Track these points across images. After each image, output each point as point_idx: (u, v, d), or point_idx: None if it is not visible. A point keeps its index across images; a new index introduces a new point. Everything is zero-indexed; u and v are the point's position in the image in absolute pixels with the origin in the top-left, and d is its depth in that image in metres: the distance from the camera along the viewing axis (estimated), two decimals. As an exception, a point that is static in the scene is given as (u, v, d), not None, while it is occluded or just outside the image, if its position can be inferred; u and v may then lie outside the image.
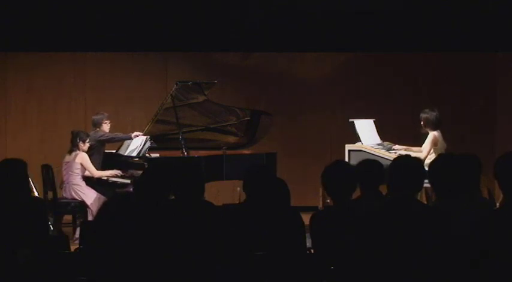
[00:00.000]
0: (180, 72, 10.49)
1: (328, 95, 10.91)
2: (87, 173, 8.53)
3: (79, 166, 8.44)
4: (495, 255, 3.68)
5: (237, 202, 8.85)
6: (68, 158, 8.53)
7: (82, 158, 8.45)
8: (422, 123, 8.41)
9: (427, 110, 8.42)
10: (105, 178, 8.60)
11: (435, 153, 8.17)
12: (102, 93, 10.87)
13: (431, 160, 5.65)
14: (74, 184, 8.42)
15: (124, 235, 3.07)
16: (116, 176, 8.63)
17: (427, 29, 10.56)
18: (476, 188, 5.04)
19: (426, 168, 4.66)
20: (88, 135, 8.60)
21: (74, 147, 8.48)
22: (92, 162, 8.52)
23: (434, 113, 8.36)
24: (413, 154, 6.97)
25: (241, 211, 4.86)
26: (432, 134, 8.32)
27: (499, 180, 3.87)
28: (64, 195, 8.48)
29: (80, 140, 8.45)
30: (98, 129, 8.96)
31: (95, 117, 9.13)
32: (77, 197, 8.41)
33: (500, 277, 3.67)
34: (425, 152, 8.24)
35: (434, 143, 8.28)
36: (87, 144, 8.52)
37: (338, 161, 4.84)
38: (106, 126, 9.01)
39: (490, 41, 10.52)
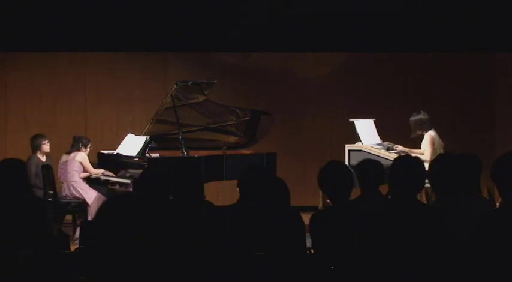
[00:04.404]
0: (180, 72, 10.48)
1: (328, 95, 10.91)
2: (82, 175, 8.55)
3: (78, 164, 8.49)
4: (495, 255, 3.68)
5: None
6: (65, 157, 8.58)
7: (82, 157, 8.53)
8: (412, 127, 8.42)
9: (415, 113, 8.46)
10: (105, 179, 8.60)
11: (433, 153, 8.17)
12: (102, 93, 10.87)
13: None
14: (73, 181, 8.45)
15: (123, 235, 3.07)
16: (114, 176, 8.63)
17: (427, 29, 10.56)
18: (476, 187, 5.04)
19: (426, 168, 4.66)
20: (89, 141, 8.68)
21: (75, 150, 8.54)
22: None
23: (423, 114, 8.38)
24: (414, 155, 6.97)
25: (242, 211, 4.86)
26: (428, 134, 8.34)
27: (496, 182, 3.85)
28: (64, 193, 8.49)
29: (82, 145, 8.58)
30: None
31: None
32: (76, 194, 8.44)
33: (500, 277, 3.66)
34: (428, 153, 8.19)
35: (432, 143, 8.30)
36: (88, 150, 8.62)
37: (331, 162, 4.82)
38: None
39: (489, 41, 10.52)
